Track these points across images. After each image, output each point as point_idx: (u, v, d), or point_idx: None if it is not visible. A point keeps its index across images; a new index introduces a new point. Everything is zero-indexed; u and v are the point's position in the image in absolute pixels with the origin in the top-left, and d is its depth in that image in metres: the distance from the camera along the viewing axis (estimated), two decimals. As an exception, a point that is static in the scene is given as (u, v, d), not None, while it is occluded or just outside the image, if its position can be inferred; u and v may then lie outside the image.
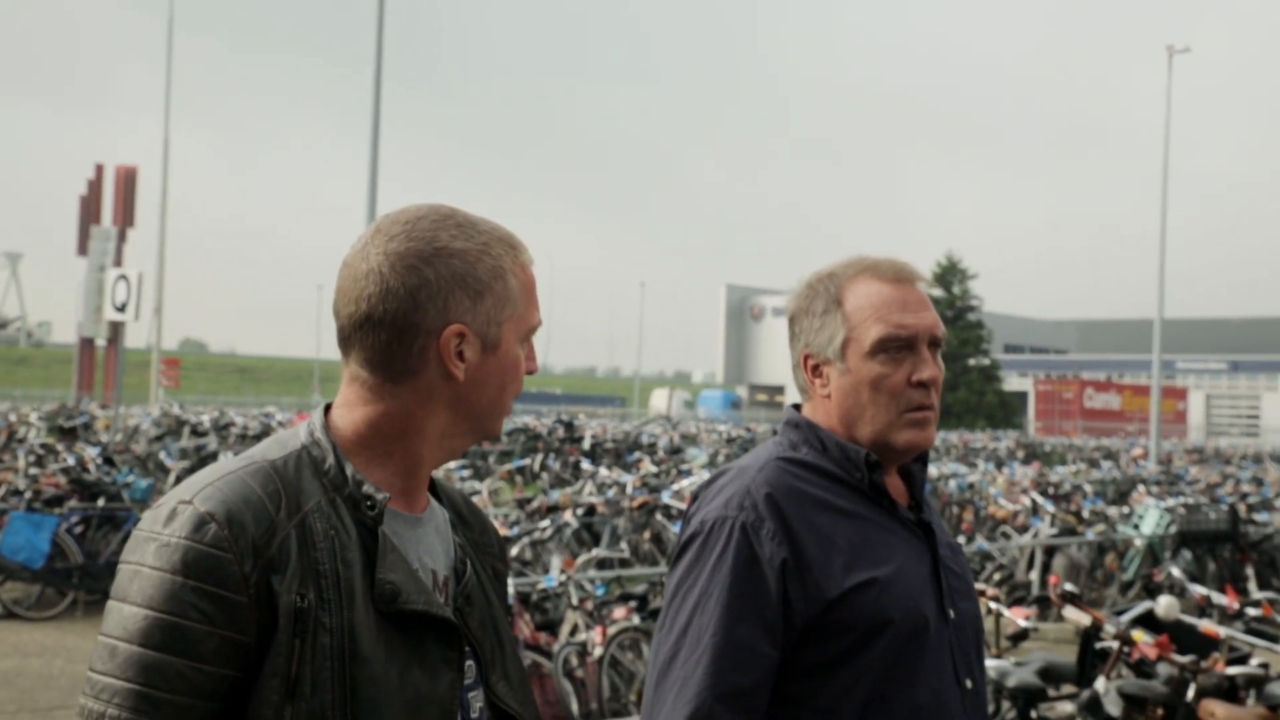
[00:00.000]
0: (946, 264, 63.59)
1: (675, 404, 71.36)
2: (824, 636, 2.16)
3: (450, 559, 1.84)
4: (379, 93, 18.17)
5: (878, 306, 2.29)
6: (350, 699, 1.61)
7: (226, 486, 1.63)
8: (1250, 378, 74.65)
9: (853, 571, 2.18)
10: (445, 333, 1.71)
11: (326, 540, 1.65)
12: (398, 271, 1.70)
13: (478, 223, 1.79)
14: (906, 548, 2.28)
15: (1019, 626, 6.70)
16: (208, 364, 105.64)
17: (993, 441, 39.22)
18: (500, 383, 1.78)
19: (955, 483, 18.43)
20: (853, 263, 2.37)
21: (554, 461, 23.24)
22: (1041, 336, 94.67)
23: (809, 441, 2.33)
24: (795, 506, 2.21)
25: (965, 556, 2.46)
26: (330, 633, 1.61)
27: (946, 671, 2.23)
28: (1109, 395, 61.83)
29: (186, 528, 1.59)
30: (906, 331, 2.28)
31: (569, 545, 12.10)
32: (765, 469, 2.27)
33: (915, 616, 2.20)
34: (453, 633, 1.74)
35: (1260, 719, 5.36)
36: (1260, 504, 16.23)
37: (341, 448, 1.73)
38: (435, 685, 1.69)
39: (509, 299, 1.76)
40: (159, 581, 1.58)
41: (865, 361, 2.28)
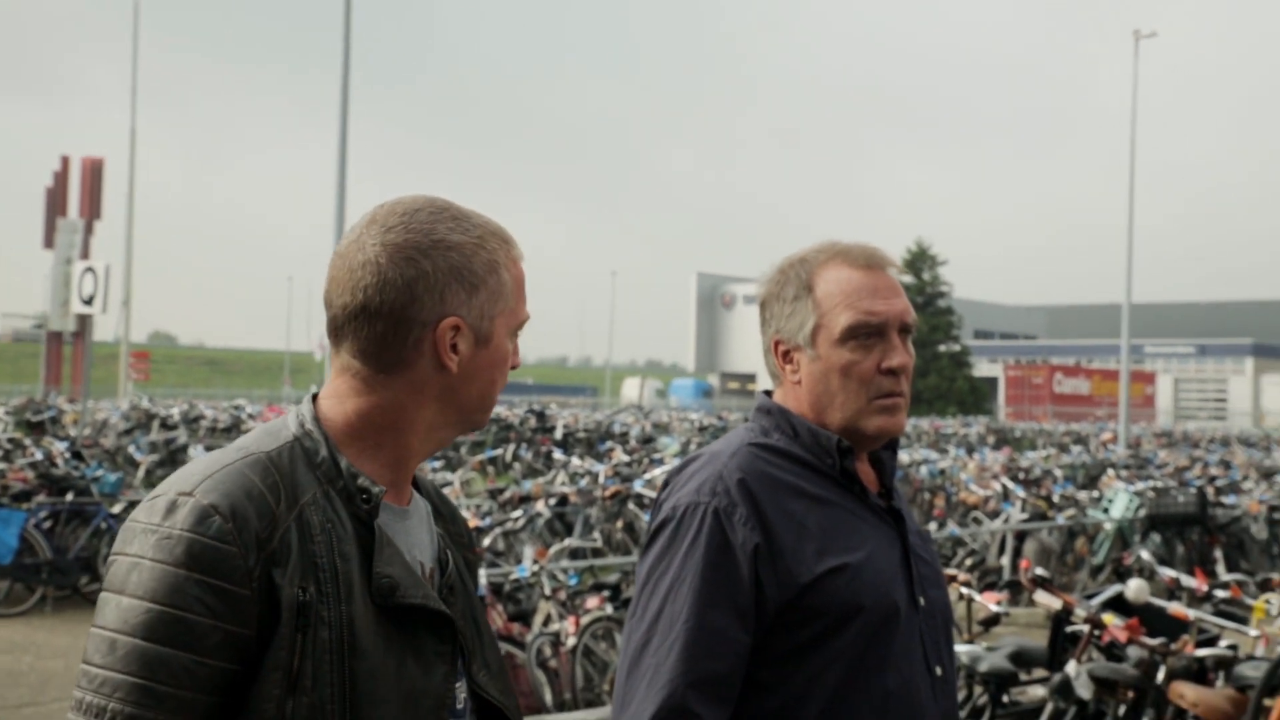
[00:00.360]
0: (916, 250, 63.75)
1: (647, 393, 71.38)
2: (796, 622, 2.16)
3: (434, 551, 1.85)
4: (347, 83, 18.08)
5: (848, 293, 2.28)
6: (350, 692, 1.62)
7: (227, 479, 1.63)
8: (1217, 362, 75.15)
9: (824, 557, 2.18)
10: (441, 325, 1.72)
11: (324, 533, 1.65)
12: (396, 263, 1.71)
13: (471, 216, 1.80)
14: (877, 534, 2.28)
15: (990, 611, 6.72)
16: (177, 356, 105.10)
17: (963, 427, 39.37)
18: (490, 376, 1.80)
19: (926, 469, 18.51)
20: (824, 248, 2.36)
21: (526, 452, 23.22)
22: (1011, 322, 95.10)
23: (780, 428, 2.32)
24: (768, 492, 2.21)
25: (934, 544, 2.46)
26: (329, 626, 1.61)
27: (917, 659, 2.23)
28: (1078, 380, 62.17)
29: (189, 520, 1.58)
30: (876, 318, 2.27)
31: (541, 535, 12.09)
32: (737, 455, 2.26)
33: (886, 603, 2.20)
34: (446, 626, 1.74)
35: (1229, 700, 5.40)
36: (1228, 487, 16.35)
37: (333, 439, 1.73)
38: (430, 678, 1.70)
39: (502, 293, 1.78)
40: (162, 574, 1.56)
41: (835, 348, 2.28)
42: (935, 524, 14.63)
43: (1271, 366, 72.01)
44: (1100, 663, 5.82)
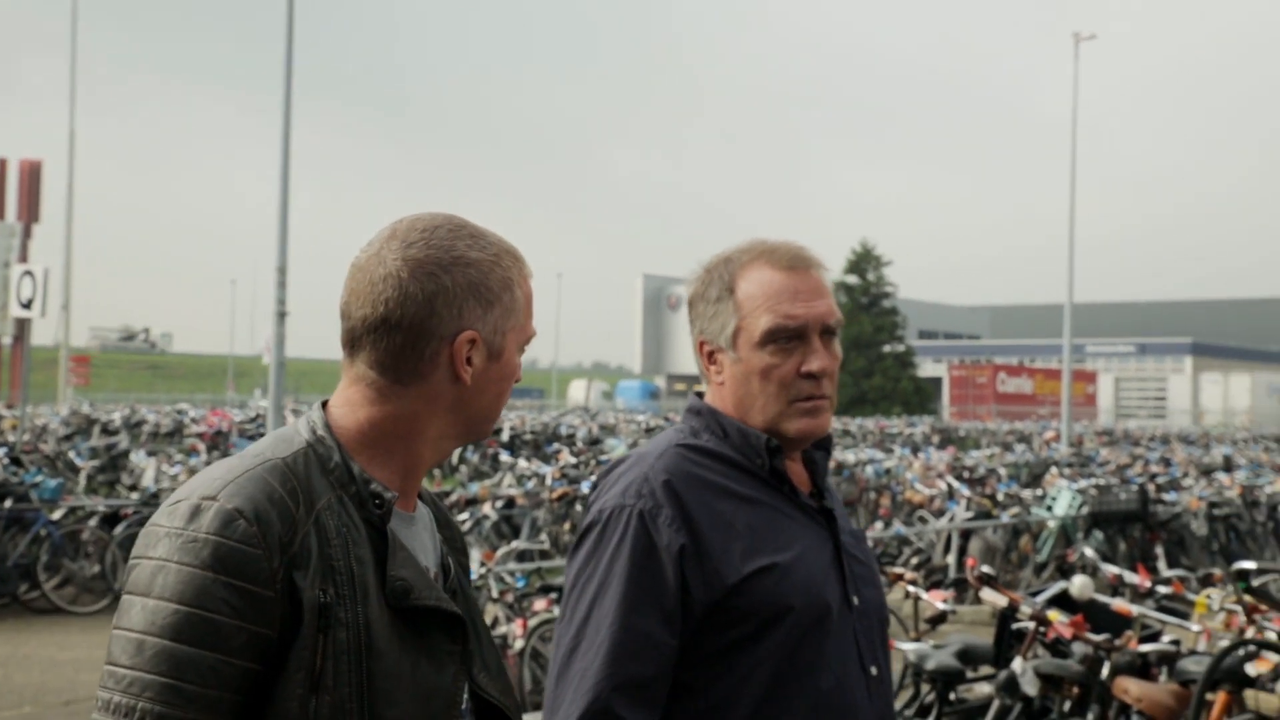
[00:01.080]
0: (861, 252, 64.06)
1: (594, 395, 71.33)
2: (724, 623, 2.15)
3: (437, 556, 1.92)
4: (289, 87, 17.94)
5: (768, 295, 2.28)
6: (368, 691, 1.67)
7: (249, 483, 1.68)
8: (1157, 360, 76.00)
9: (752, 557, 2.17)
10: (459, 339, 1.79)
11: (340, 538, 1.71)
12: (417, 278, 1.77)
13: (487, 234, 1.87)
14: (807, 534, 2.27)
15: (937, 609, 6.76)
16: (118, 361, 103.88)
17: (908, 427, 39.62)
18: (499, 389, 1.87)
19: (872, 468, 18.61)
20: (749, 248, 2.35)
21: (473, 454, 23.13)
22: (955, 323, 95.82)
23: (710, 428, 2.32)
24: (694, 493, 2.20)
25: (869, 544, 2.46)
26: (347, 627, 1.67)
27: (851, 659, 2.23)
28: (1021, 380, 62.68)
29: (215, 524, 1.63)
30: (795, 322, 2.26)
31: (488, 538, 12.06)
32: (664, 456, 2.26)
33: (816, 603, 2.19)
34: (458, 627, 1.81)
35: (1172, 695, 5.45)
36: (1168, 484, 16.53)
37: (345, 446, 1.79)
38: (442, 677, 1.77)
39: (514, 309, 1.85)
40: (189, 577, 1.61)
41: (755, 351, 2.28)
42: (881, 523, 14.72)
43: (1210, 365, 72.96)
44: (1045, 659, 5.86)
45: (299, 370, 74.07)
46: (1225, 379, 67.40)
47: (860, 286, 63.55)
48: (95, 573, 11.95)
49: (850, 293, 63.23)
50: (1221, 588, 7.03)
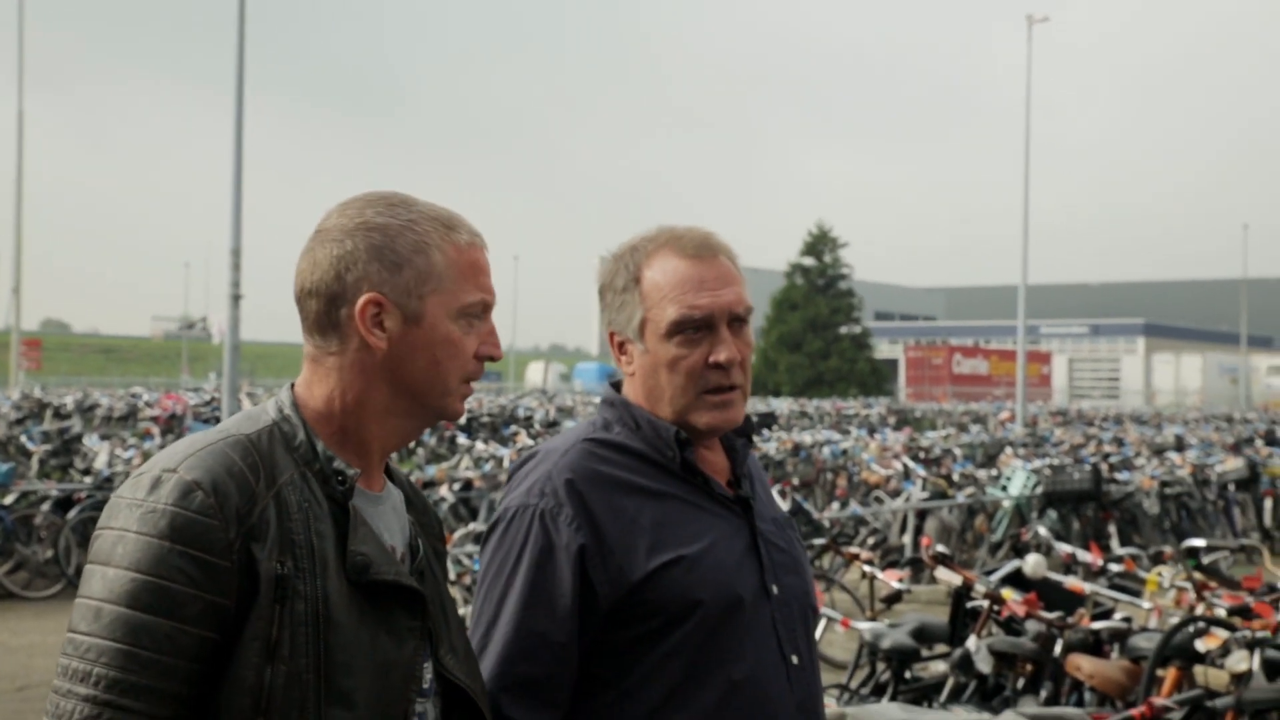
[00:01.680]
0: (817, 234, 64.15)
1: (551, 377, 71.24)
2: (632, 618, 2.15)
3: (406, 537, 1.94)
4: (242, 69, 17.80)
5: (674, 285, 2.24)
6: (325, 662, 1.70)
7: (209, 457, 1.72)
8: (1110, 341, 76.62)
9: (657, 552, 2.16)
10: (360, 300, 1.81)
11: (301, 512, 1.75)
12: (325, 244, 1.84)
13: (414, 203, 1.90)
14: (720, 525, 2.25)
15: (892, 589, 6.82)
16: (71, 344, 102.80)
17: (865, 408, 39.78)
18: (431, 356, 1.86)
19: (829, 450, 18.68)
20: (655, 236, 2.31)
21: (429, 437, 23.06)
22: (911, 304, 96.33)
23: (623, 420, 2.30)
24: (597, 491, 2.18)
25: (797, 533, 2.43)
26: (305, 600, 1.71)
27: (769, 648, 2.21)
28: (976, 361, 63.08)
29: (174, 495, 1.67)
30: (701, 312, 2.23)
31: (446, 520, 12.03)
32: (570, 453, 2.24)
33: (727, 594, 2.18)
34: (418, 602, 1.84)
35: (1124, 671, 5.52)
36: (1121, 463, 16.69)
37: (310, 425, 1.83)
38: (400, 651, 1.80)
39: (432, 273, 1.85)
40: (146, 546, 1.65)
41: (662, 343, 2.25)
42: (838, 504, 14.79)
43: (1162, 345, 73.64)
44: (999, 637, 5.93)
45: (254, 354, 73.62)
46: (1177, 359, 68.08)
47: (816, 268, 63.66)
48: (48, 557, 11.85)
49: (807, 275, 63.35)
50: (1172, 565, 7.13)
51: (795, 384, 58.96)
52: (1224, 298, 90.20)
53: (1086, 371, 75.63)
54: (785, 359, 61.15)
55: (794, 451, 18.50)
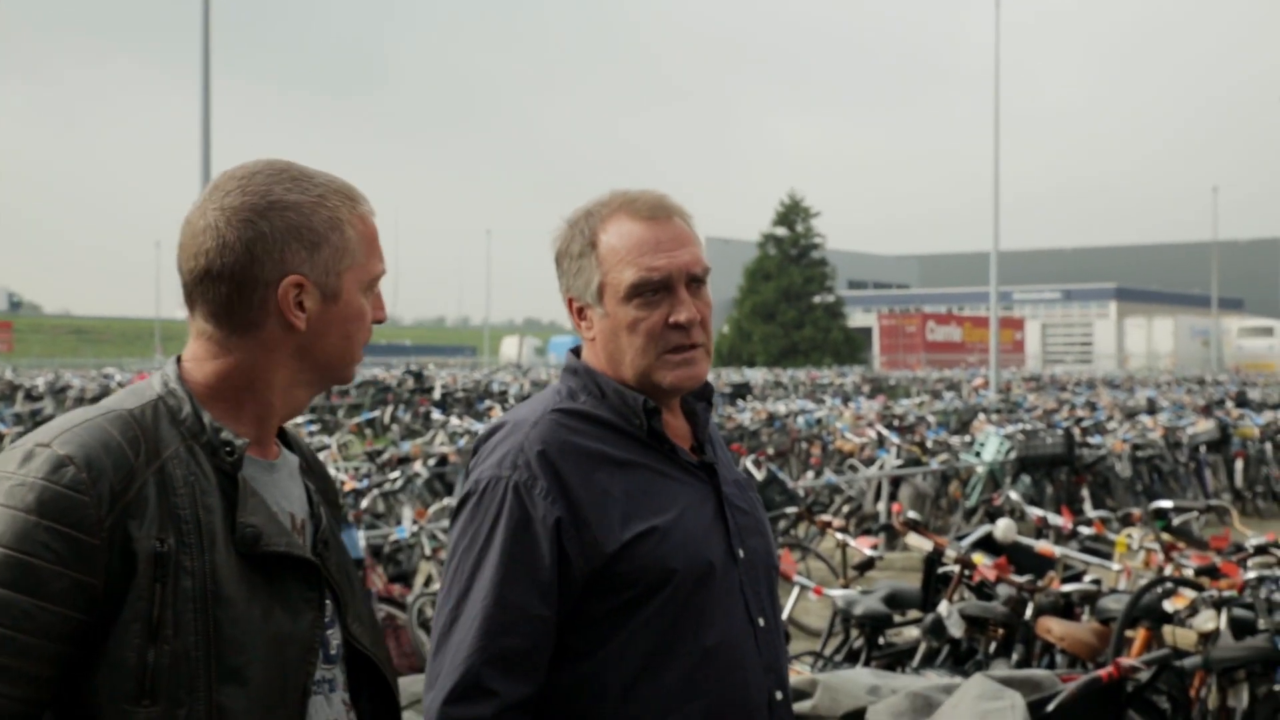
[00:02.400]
0: (790, 203, 64.23)
1: (526, 351, 71.11)
2: (607, 590, 2.17)
3: (305, 504, 1.90)
4: (207, 44, 17.66)
5: (630, 248, 2.25)
6: (214, 639, 1.67)
7: (86, 432, 1.68)
8: (1083, 306, 76.81)
9: (630, 523, 2.18)
10: (283, 284, 1.78)
11: (186, 486, 1.70)
12: (233, 226, 1.76)
13: (314, 175, 1.83)
14: (688, 492, 2.27)
15: (864, 556, 6.85)
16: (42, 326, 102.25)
17: (839, 377, 39.89)
18: (344, 331, 1.84)
19: (803, 419, 18.72)
20: (610, 200, 2.32)
21: (404, 413, 23.06)
22: (884, 272, 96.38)
23: (588, 389, 2.31)
24: (570, 462, 2.19)
25: (756, 493, 2.46)
26: (192, 576, 1.66)
27: (737, 612, 2.24)
28: (950, 328, 63.24)
29: (44, 469, 1.63)
30: (658, 274, 2.24)
31: (421, 496, 12.02)
32: (539, 424, 2.24)
33: (699, 562, 2.20)
34: (313, 573, 1.80)
35: (1094, 633, 5.57)
36: (1093, 428, 16.76)
37: (197, 398, 1.78)
38: (297, 624, 1.76)
39: (347, 249, 1.82)
40: (11, 519, 1.60)
41: (621, 305, 2.26)
42: (812, 472, 14.83)
43: (1134, 310, 73.94)
44: (970, 602, 5.96)
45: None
46: (1149, 323, 68.37)
47: (789, 238, 63.74)
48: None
49: (779, 244, 63.41)
50: (1141, 527, 7.18)
51: (769, 354, 59.08)
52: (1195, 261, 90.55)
53: (1059, 337, 75.88)
54: (759, 329, 61.27)
55: (768, 421, 18.52)
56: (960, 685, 3.91)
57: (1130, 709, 4.54)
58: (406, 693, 3.51)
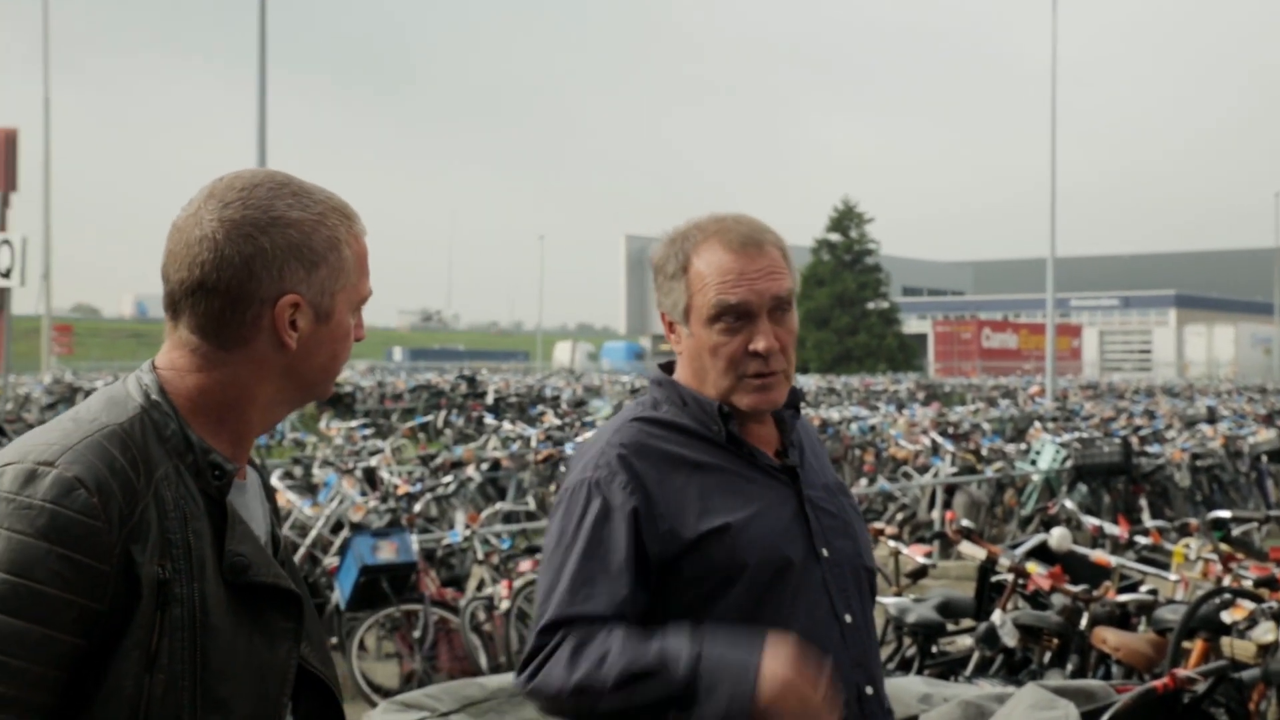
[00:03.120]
0: (843, 209, 63.99)
1: (579, 356, 71.27)
2: (683, 583, 2.27)
3: (267, 524, 1.87)
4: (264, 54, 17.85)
5: (716, 275, 2.35)
6: (202, 669, 1.62)
7: (89, 451, 1.61)
8: (1141, 313, 76.11)
9: (705, 518, 2.29)
10: (280, 303, 1.72)
11: (177, 510, 1.65)
12: (233, 240, 1.70)
13: (313, 191, 1.78)
14: (767, 493, 2.37)
15: (917, 563, 6.80)
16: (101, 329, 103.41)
17: (893, 384, 39.66)
18: (332, 351, 1.80)
19: (857, 426, 18.64)
20: (705, 225, 2.42)
21: (457, 417, 23.14)
22: (939, 278, 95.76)
23: (670, 399, 2.43)
24: (648, 463, 2.32)
25: (850, 499, 2.56)
26: (181, 604, 1.62)
27: (821, 608, 2.33)
28: (1006, 335, 62.77)
29: (54, 491, 1.55)
30: (739, 300, 2.34)
31: (473, 500, 12.08)
32: (621, 430, 2.38)
33: (775, 558, 2.30)
34: (294, 604, 1.76)
35: (1150, 643, 5.50)
36: (1152, 436, 16.58)
37: (181, 413, 1.71)
38: (274, 654, 1.72)
39: (343, 270, 1.78)
40: (21, 545, 1.53)
41: (705, 328, 2.37)
42: (865, 479, 14.75)
43: (1194, 317, 73.11)
44: (1025, 611, 5.90)
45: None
46: (1209, 331, 67.57)
47: (843, 244, 63.51)
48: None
49: (833, 250, 63.19)
50: (1199, 537, 7.08)
51: (823, 360, 58.87)
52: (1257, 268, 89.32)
53: (1118, 344, 75.19)
54: (813, 335, 61.03)
55: (821, 428, 18.45)
56: (1013, 694, 3.88)
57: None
58: (459, 695, 3.52)
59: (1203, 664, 5.21)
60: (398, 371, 46.74)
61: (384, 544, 7.67)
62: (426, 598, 7.81)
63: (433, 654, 7.68)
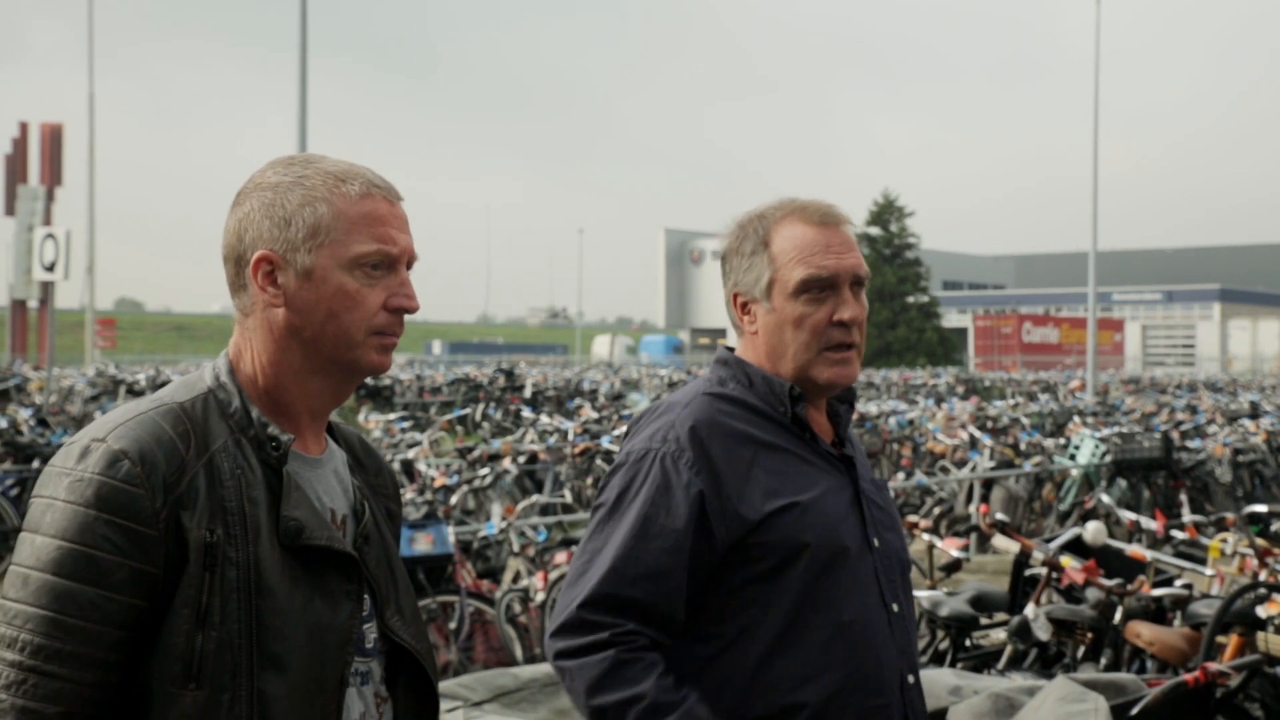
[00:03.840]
0: (883, 203, 63.72)
1: (617, 350, 71.33)
2: (746, 559, 2.31)
3: (350, 500, 1.95)
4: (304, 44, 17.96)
5: (802, 248, 2.41)
6: (257, 627, 1.73)
7: (139, 426, 1.74)
8: (1185, 308, 75.44)
9: (773, 497, 2.33)
10: (253, 259, 1.86)
11: (233, 479, 1.77)
12: (232, 211, 1.89)
13: (313, 161, 1.89)
14: (827, 478, 2.42)
15: (951, 557, 6.79)
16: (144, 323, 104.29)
17: (933, 378, 39.50)
18: (327, 310, 1.85)
19: (895, 420, 18.57)
20: (781, 205, 2.49)
21: (495, 410, 23.21)
22: (979, 272, 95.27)
23: (736, 378, 2.47)
24: (717, 439, 2.35)
25: (891, 494, 2.63)
26: (237, 566, 1.73)
27: (872, 595, 2.38)
28: (1047, 329, 62.40)
29: (100, 464, 1.69)
30: (827, 272, 2.40)
31: (510, 492, 12.11)
32: (691, 404, 2.41)
33: (833, 541, 2.35)
34: (352, 567, 1.86)
35: (1184, 638, 5.47)
36: (1193, 431, 16.46)
37: (246, 391, 1.85)
38: (335, 615, 1.82)
39: (320, 226, 1.84)
40: (73, 514, 1.68)
41: (789, 301, 2.41)
42: (903, 474, 14.71)
43: (1238, 311, 72.44)
44: (1058, 605, 5.89)
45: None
46: (1254, 325, 66.93)
47: (883, 238, 63.24)
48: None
49: (873, 244, 62.91)
50: (1235, 532, 7.04)
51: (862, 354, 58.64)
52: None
53: (1161, 339, 74.57)
54: (852, 329, 60.76)
55: (860, 422, 18.39)
56: (1043, 687, 3.88)
57: (1220, 715, 4.47)
58: (491, 685, 3.55)
59: (1237, 659, 5.18)
60: (436, 365, 46.93)
61: (420, 535, 7.71)
62: (462, 589, 7.85)
63: (468, 645, 7.72)
